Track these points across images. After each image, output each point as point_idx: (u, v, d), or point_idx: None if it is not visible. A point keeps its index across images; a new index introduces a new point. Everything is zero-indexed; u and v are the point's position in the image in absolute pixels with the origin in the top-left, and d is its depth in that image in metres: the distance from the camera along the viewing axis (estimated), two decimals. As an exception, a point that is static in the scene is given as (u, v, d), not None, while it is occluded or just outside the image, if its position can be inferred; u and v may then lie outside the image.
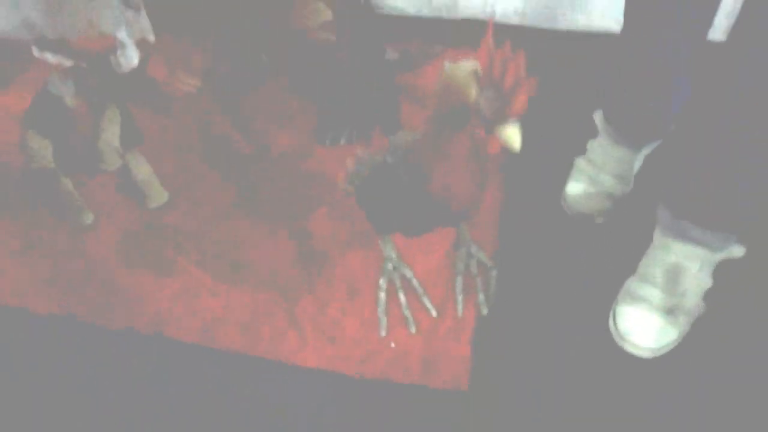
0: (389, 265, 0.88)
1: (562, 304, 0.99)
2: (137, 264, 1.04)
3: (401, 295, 0.87)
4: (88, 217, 1.07)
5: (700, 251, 0.93)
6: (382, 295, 0.87)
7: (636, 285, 0.95)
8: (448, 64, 0.61)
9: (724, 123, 0.84)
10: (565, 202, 1.07)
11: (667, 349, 0.93)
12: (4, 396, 0.92)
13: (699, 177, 0.90)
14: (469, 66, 0.60)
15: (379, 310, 0.87)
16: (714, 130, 0.86)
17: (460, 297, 0.86)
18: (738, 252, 0.95)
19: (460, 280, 0.86)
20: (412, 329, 0.88)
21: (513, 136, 0.59)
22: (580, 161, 1.09)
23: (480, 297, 0.87)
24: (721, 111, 0.85)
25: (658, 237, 0.97)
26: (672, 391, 0.91)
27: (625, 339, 0.92)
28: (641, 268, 0.97)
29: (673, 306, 0.93)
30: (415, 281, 0.89)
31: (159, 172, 1.10)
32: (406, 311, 0.87)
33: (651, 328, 0.92)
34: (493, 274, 0.87)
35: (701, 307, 0.94)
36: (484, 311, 0.88)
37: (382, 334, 0.87)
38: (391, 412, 0.90)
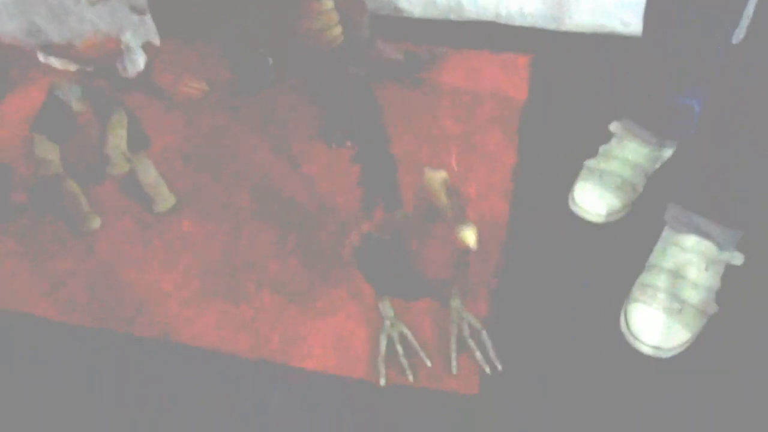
0: (387, 323, 0.95)
1: (572, 305, 0.98)
2: (144, 269, 1.04)
3: (399, 347, 0.94)
4: (95, 223, 1.06)
5: (708, 247, 0.93)
6: (382, 348, 0.94)
7: (646, 284, 0.95)
8: (427, 170, 0.75)
9: (737, 117, 0.85)
10: (573, 202, 1.06)
11: (681, 349, 0.92)
12: (9, 401, 0.91)
13: (711, 170, 0.90)
14: (441, 175, 0.74)
15: (379, 359, 0.93)
16: (727, 125, 0.86)
17: (453, 354, 0.93)
18: (738, 259, 0.95)
19: (453, 340, 0.94)
20: (410, 378, 0.93)
21: (469, 236, 0.70)
22: (590, 162, 1.09)
23: (477, 355, 0.93)
24: (733, 107, 0.85)
25: (667, 233, 0.97)
26: (685, 393, 0.90)
27: (637, 339, 0.92)
28: (650, 266, 0.96)
29: (684, 305, 0.92)
30: (410, 337, 0.95)
31: (166, 177, 1.09)
32: (402, 359, 0.93)
33: (663, 327, 0.91)
34: (484, 335, 0.94)
35: (713, 307, 0.94)
36: (486, 370, 0.93)
37: (381, 383, 0.92)
38: (401, 416, 0.89)
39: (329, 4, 0.99)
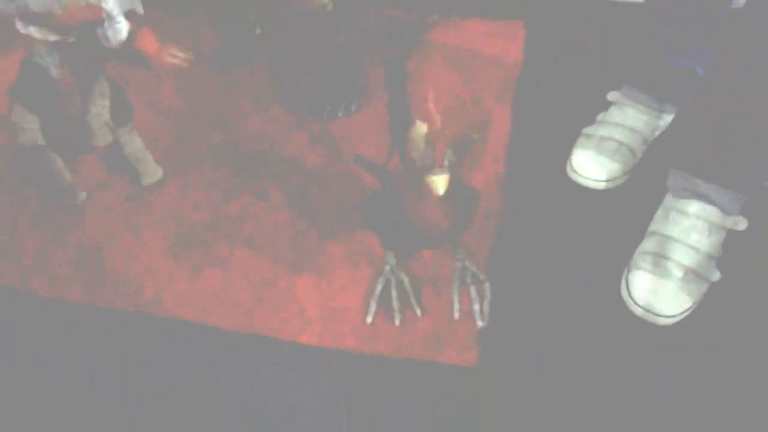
0: (388, 268, 0.96)
1: (572, 273, 0.97)
2: (132, 243, 1.01)
3: (393, 291, 0.94)
4: (79, 196, 1.04)
5: (711, 211, 0.92)
6: (378, 289, 0.95)
7: (647, 251, 0.93)
8: (418, 122, 0.81)
9: (739, 80, 0.84)
10: (571, 169, 1.05)
11: (683, 316, 0.91)
12: (10, 384, 0.89)
13: (713, 133, 0.89)
14: (422, 128, 0.80)
15: (372, 297, 0.94)
16: (729, 88, 0.86)
17: (456, 297, 0.93)
18: (742, 224, 0.94)
19: (455, 287, 0.94)
20: (397, 322, 0.93)
21: (436, 183, 0.75)
22: (588, 129, 1.08)
23: (475, 307, 0.93)
24: (735, 70, 0.85)
25: (669, 200, 0.95)
26: (687, 360, 0.89)
27: (639, 306, 0.91)
28: (651, 233, 0.95)
29: (686, 272, 0.91)
30: (407, 284, 0.95)
31: (153, 149, 1.07)
32: (394, 303, 0.94)
33: (665, 294, 0.90)
34: (486, 286, 0.94)
35: (716, 274, 0.92)
36: (479, 322, 0.92)
37: (368, 321, 0.93)
38: (398, 388, 0.88)
39: None
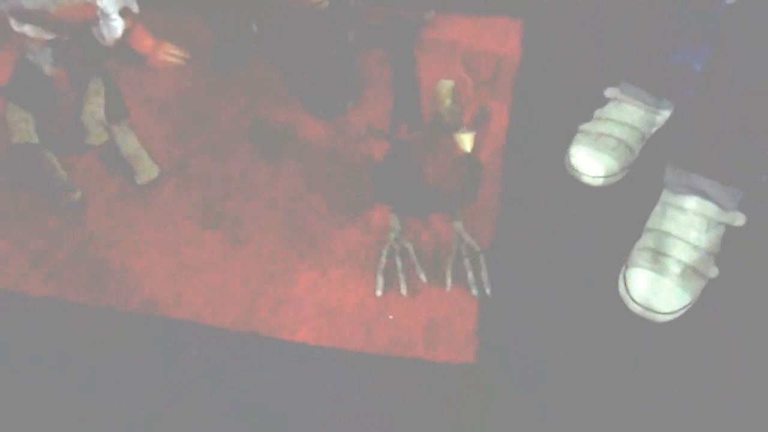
0: (392, 236, 0.97)
1: (569, 270, 0.97)
2: (129, 242, 1.01)
3: (398, 261, 0.96)
4: (75, 195, 1.03)
5: (708, 207, 0.92)
6: (382, 260, 0.96)
7: (645, 247, 0.93)
8: (441, 80, 0.80)
9: (736, 76, 0.84)
10: (569, 165, 1.05)
11: (681, 313, 0.91)
12: (10, 384, 0.89)
13: (711, 129, 0.89)
14: (449, 83, 0.80)
15: (377, 270, 0.95)
16: (726, 83, 0.86)
17: (449, 272, 0.95)
18: (739, 220, 0.93)
19: (450, 259, 0.96)
20: (403, 291, 0.94)
21: (464, 141, 0.76)
22: (585, 126, 1.07)
23: (469, 276, 0.94)
24: (731, 65, 0.85)
25: (666, 196, 0.95)
26: (685, 357, 0.89)
27: (637, 303, 0.90)
28: (649, 230, 0.95)
29: (685, 268, 0.91)
30: (411, 252, 0.97)
31: (148, 147, 1.06)
32: (399, 274, 0.95)
33: (663, 291, 0.90)
34: (481, 258, 0.96)
35: (713, 270, 0.92)
36: (473, 291, 0.94)
37: (378, 293, 0.94)
38: (396, 387, 0.88)
39: None
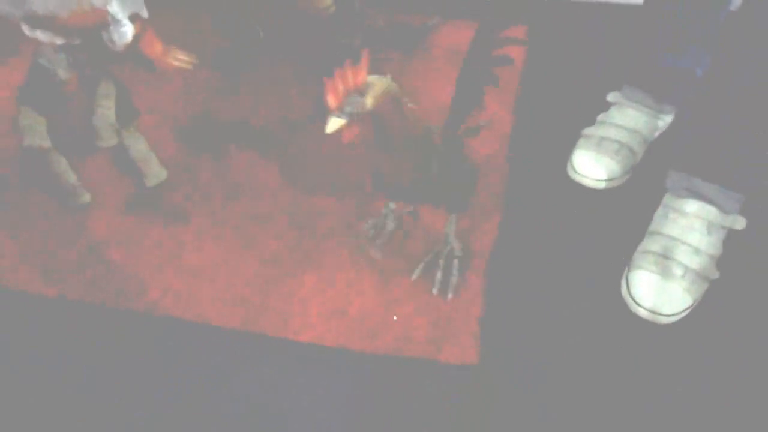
0: (384, 211, 1.01)
1: (572, 272, 0.97)
2: (137, 244, 1.02)
3: (372, 231, 1.01)
4: (85, 197, 1.05)
5: (710, 211, 0.92)
6: (366, 226, 1.01)
7: (647, 250, 0.94)
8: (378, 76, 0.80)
9: (738, 81, 0.84)
10: (572, 169, 1.05)
11: (682, 315, 0.91)
12: (4, 381, 0.90)
13: (712, 133, 0.90)
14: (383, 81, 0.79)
15: (358, 234, 1.01)
16: (728, 88, 0.86)
17: (422, 264, 0.98)
18: (740, 224, 0.94)
19: (430, 255, 0.98)
20: (371, 253, 0.99)
21: (330, 123, 0.75)
22: (588, 130, 1.08)
23: (437, 275, 0.96)
24: (733, 70, 0.85)
25: (668, 199, 0.96)
26: (687, 359, 0.89)
27: (639, 305, 0.91)
28: (651, 233, 0.95)
29: (686, 271, 0.91)
30: (388, 229, 1.01)
31: (157, 150, 1.07)
32: (377, 239, 1.00)
33: (665, 293, 0.90)
34: (456, 264, 0.97)
35: (714, 273, 0.93)
36: (434, 290, 0.96)
37: (374, 254, 0.99)
38: (399, 387, 0.88)
39: None
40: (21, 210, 1.06)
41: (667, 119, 1.09)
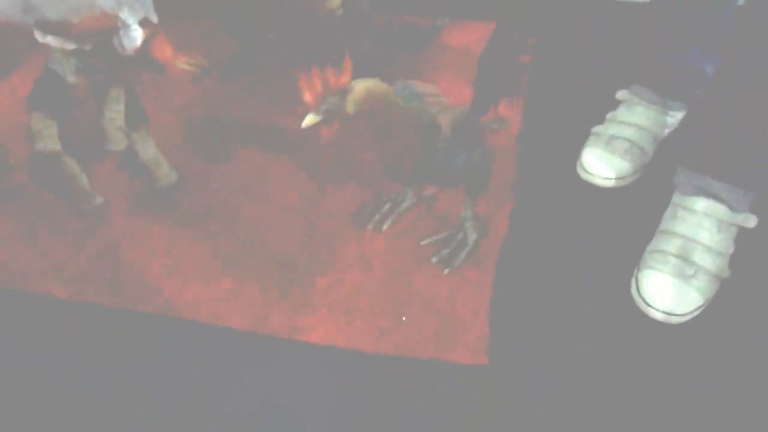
0: (394, 193, 1.03)
1: (582, 272, 0.97)
2: (148, 246, 1.03)
3: (388, 205, 1.03)
4: (96, 201, 1.05)
5: (719, 209, 0.92)
6: (377, 200, 1.03)
7: (657, 249, 0.93)
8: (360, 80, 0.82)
9: (748, 78, 0.84)
10: (581, 168, 1.05)
11: (693, 314, 0.91)
12: (12, 378, 0.91)
13: (722, 131, 0.89)
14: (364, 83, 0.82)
15: (370, 208, 1.03)
16: (738, 86, 0.86)
17: (431, 239, 1.00)
18: (751, 222, 0.93)
19: (443, 235, 1.00)
20: (369, 226, 1.02)
21: (305, 120, 0.79)
22: (597, 129, 1.07)
23: (443, 252, 0.98)
24: (744, 68, 0.85)
25: (677, 198, 0.95)
26: (698, 358, 0.89)
27: (649, 305, 0.90)
28: (661, 232, 0.95)
29: (697, 270, 0.90)
30: (398, 206, 1.03)
31: (167, 153, 1.08)
32: (380, 214, 1.03)
33: (675, 293, 0.90)
34: (465, 252, 0.98)
35: (726, 271, 0.92)
36: (433, 259, 0.98)
37: (368, 227, 1.02)
38: (409, 388, 0.88)
39: None
40: (33, 213, 1.07)
41: (677, 116, 1.08)
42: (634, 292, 0.93)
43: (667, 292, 0.90)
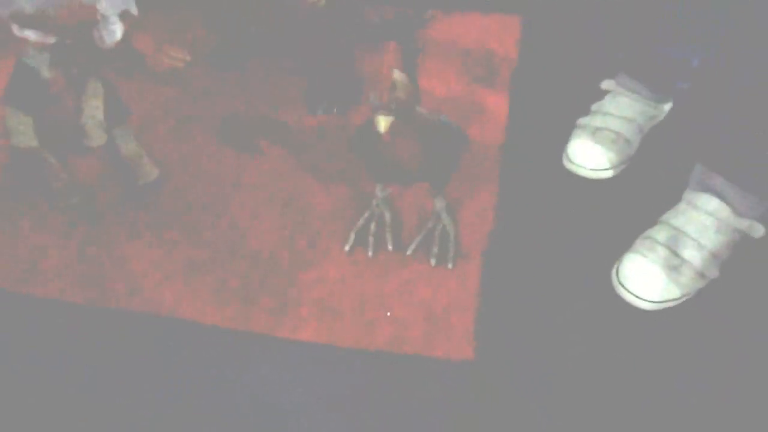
0: (374, 202, 1.00)
1: (568, 264, 0.96)
2: (129, 243, 1.01)
3: (372, 225, 0.99)
4: (76, 197, 1.04)
5: (724, 210, 0.91)
6: (360, 221, 0.99)
7: (648, 236, 0.93)
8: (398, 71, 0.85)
9: (757, 78, 0.83)
10: (567, 159, 1.05)
11: (666, 305, 0.90)
12: (11, 385, 0.90)
13: (739, 132, 0.88)
14: (397, 75, 0.84)
15: (353, 229, 0.99)
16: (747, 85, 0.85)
17: (416, 241, 0.99)
18: (757, 231, 0.92)
19: (423, 232, 0.99)
20: (369, 253, 0.98)
21: (379, 122, 0.80)
22: (583, 120, 1.07)
23: (433, 249, 0.97)
24: (753, 67, 0.83)
25: (687, 192, 0.94)
26: (685, 355, 0.89)
27: (621, 284, 0.91)
28: (660, 221, 0.94)
29: (683, 263, 0.90)
30: (387, 220, 1.00)
31: (149, 149, 1.07)
32: (369, 237, 0.98)
33: (651, 278, 0.90)
34: (451, 239, 0.98)
35: (714, 272, 0.91)
36: (432, 262, 0.97)
37: (345, 249, 0.98)
38: (394, 384, 0.88)
39: None
40: (12, 210, 1.05)
41: (663, 108, 1.08)
42: (612, 275, 0.92)
43: (643, 276, 0.90)
